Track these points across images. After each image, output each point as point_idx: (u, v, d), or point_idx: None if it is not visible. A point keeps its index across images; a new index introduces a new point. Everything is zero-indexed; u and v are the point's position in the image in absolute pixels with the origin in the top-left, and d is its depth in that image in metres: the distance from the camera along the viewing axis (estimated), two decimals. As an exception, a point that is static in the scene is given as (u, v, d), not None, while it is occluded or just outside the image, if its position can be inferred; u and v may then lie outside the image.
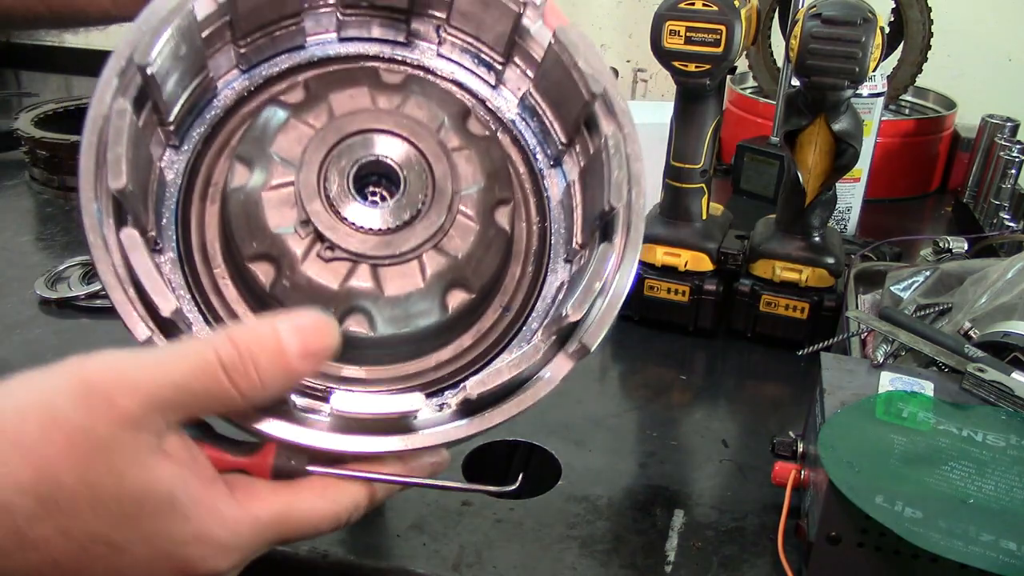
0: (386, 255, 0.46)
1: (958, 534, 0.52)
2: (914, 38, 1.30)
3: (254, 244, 0.46)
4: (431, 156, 0.47)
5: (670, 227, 0.93)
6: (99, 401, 0.36)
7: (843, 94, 0.82)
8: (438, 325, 0.48)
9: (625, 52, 1.82)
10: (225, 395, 0.38)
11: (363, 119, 0.47)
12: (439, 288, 0.47)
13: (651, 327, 0.96)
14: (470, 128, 0.50)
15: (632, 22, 1.78)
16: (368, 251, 0.46)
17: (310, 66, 0.51)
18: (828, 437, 0.59)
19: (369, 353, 0.48)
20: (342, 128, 0.47)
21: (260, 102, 0.50)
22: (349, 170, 0.46)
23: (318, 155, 0.46)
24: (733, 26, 0.82)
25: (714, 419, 0.83)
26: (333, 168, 0.46)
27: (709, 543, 0.66)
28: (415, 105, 0.48)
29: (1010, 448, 0.59)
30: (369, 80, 0.49)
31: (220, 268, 0.48)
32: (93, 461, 0.36)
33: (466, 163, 0.48)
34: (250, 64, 0.50)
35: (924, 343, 0.70)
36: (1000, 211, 1.17)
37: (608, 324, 0.46)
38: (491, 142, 0.50)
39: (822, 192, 0.89)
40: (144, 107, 0.45)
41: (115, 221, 0.42)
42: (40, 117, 1.30)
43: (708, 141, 0.90)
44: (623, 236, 0.47)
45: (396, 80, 0.50)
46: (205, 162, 0.49)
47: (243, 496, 0.41)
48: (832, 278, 0.90)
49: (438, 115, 0.49)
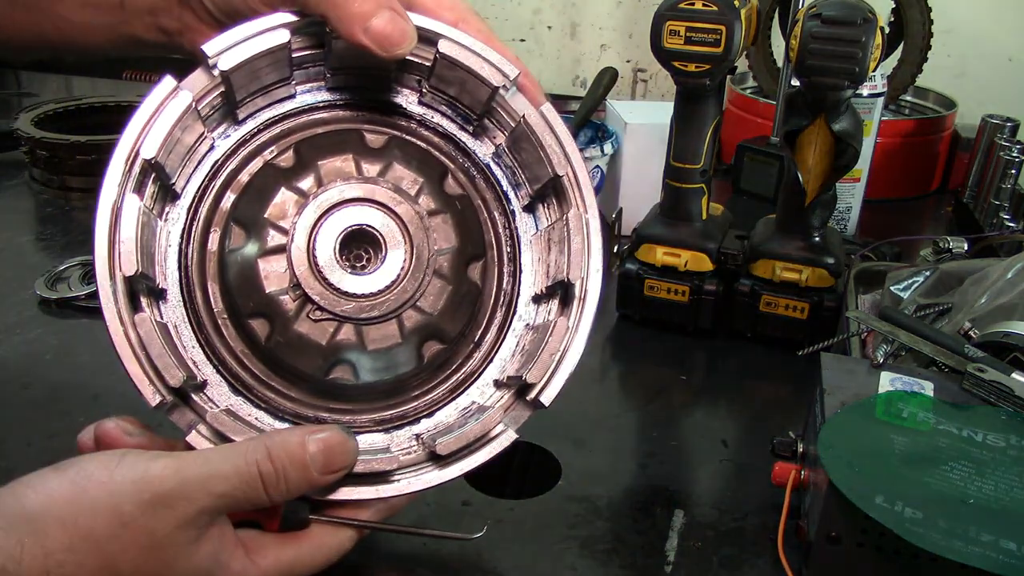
0: (368, 317, 0.52)
1: (958, 534, 0.52)
2: (914, 38, 1.30)
3: (251, 303, 0.51)
4: (410, 224, 0.53)
5: (670, 227, 0.93)
6: (162, 510, 0.44)
7: (843, 94, 0.82)
8: (415, 371, 0.54)
9: (625, 52, 1.82)
10: (260, 500, 0.47)
11: (349, 189, 0.52)
12: (416, 341, 0.53)
13: (651, 327, 0.96)
14: (447, 189, 0.55)
15: (632, 22, 1.78)
16: (352, 314, 0.52)
17: (299, 115, 0.55)
18: (828, 437, 0.59)
19: (354, 395, 0.54)
20: (330, 198, 0.52)
21: (253, 156, 0.54)
22: (336, 238, 0.52)
23: (308, 223, 0.51)
24: (733, 26, 0.82)
25: (714, 419, 0.83)
26: (322, 236, 0.51)
27: (709, 543, 0.66)
28: (397, 170, 0.53)
29: (1010, 448, 0.59)
30: (354, 146, 0.54)
31: (220, 309, 0.53)
32: (150, 554, 0.44)
33: (442, 226, 0.53)
34: (243, 118, 0.54)
35: (924, 343, 0.70)
36: (1000, 211, 1.17)
37: (562, 382, 0.53)
38: (466, 200, 0.56)
39: (822, 192, 0.89)
40: (148, 179, 0.50)
41: (127, 297, 0.48)
42: (40, 117, 1.30)
43: (708, 141, 0.90)
44: (579, 307, 0.54)
45: (379, 143, 0.54)
46: (203, 211, 0.53)
47: (255, 554, 0.49)
48: (832, 278, 0.90)
49: (417, 179, 0.54)
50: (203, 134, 0.52)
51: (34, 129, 1.25)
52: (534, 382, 0.52)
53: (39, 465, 0.46)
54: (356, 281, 0.52)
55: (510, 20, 1.87)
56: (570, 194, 0.54)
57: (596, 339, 0.97)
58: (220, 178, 0.54)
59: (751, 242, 0.94)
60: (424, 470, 0.52)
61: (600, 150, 1.11)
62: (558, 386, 0.53)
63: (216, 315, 0.52)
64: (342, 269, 0.52)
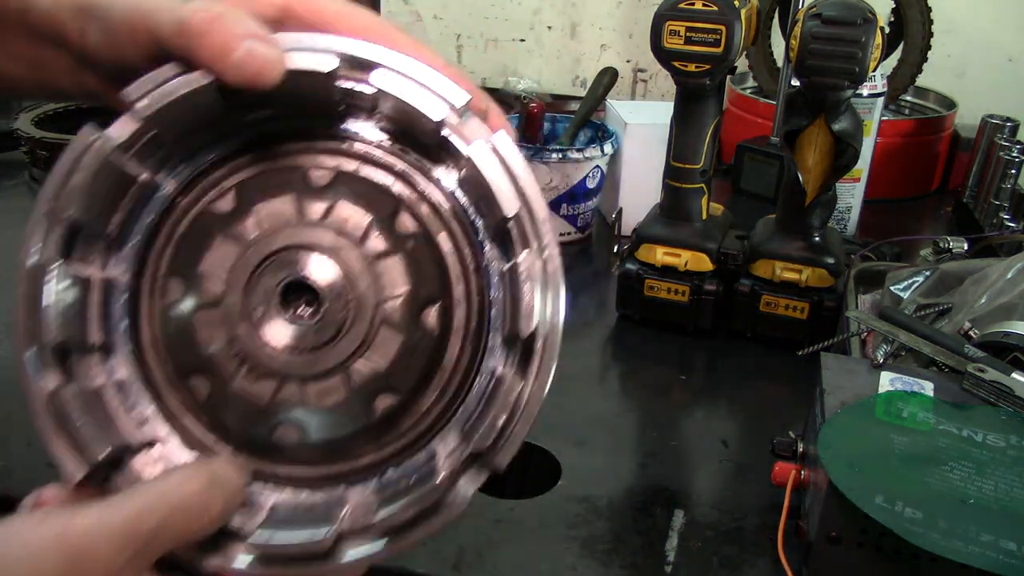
0: (310, 373, 0.48)
1: (958, 534, 0.52)
2: (914, 38, 1.30)
3: (189, 360, 0.48)
4: (355, 271, 0.48)
5: (670, 227, 0.93)
6: (86, 567, 0.41)
7: (843, 94, 0.82)
8: (366, 427, 0.50)
9: (625, 52, 1.82)
10: (192, 530, 0.43)
11: (288, 234, 0.48)
12: (365, 396, 0.49)
13: (651, 327, 0.96)
14: (400, 227, 0.49)
15: (632, 22, 1.78)
16: (293, 371, 0.48)
17: (244, 152, 0.51)
18: (828, 437, 0.59)
19: (301, 455, 0.50)
20: (267, 246, 0.47)
21: (196, 200, 0.50)
22: (273, 291, 0.47)
23: (243, 275, 0.47)
24: (733, 26, 0.82)
25: (714, 419, 0.83)
26: (258, 288, 0.47)
27: (709, 543, 0.66)
28: (342, 210, 0.49)
29: (1010, 448, 0.59)
30: (297, 185, 0.49)
31: (168, 364, 0.49)
32: None
33: (392, 270, 0.48)
34: (185, 158, 0.50)
35: (924, 343, 0.70)
36: (1000, 211, 1.17)
37: (518, 445, 0.47)
38: (424, 237, 0.50)
39: (822, 192, 0.89)
40: (75, 234, 0.46)
41: (52, 366, 0.45)
42: (40, 117, 1.30)
43: (708, 141, 0.90)
44: (537, 364, 0.47)
45: (325, 180, 0.49)
46: (150, 260, 0.50)
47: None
48: (832, 278, 0.90)
49: (365, 218, 0.49)
50: (140, 178, 0.48)
51: (34, 129, 1.25)
52: (479, 450, 0.47)
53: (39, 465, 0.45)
54: (295, 333, 0.48)
55: (510, 20, 1.87)
56: (526, 233, 0.47)
57: (596, 339, 0.97)
58: (163, 224, 0.50)
59: (751, 242, 0.94)
60: (362, 542, 0.47)
61: (600, 150, 1.11)
62: (511, 452, 0.47)
63: (165, 370, 0.49)
64: (281, 322, 0.48)
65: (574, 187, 1.12)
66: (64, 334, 0.45)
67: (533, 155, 1.09)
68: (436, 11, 1.88)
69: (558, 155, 1.09)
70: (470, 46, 1.91)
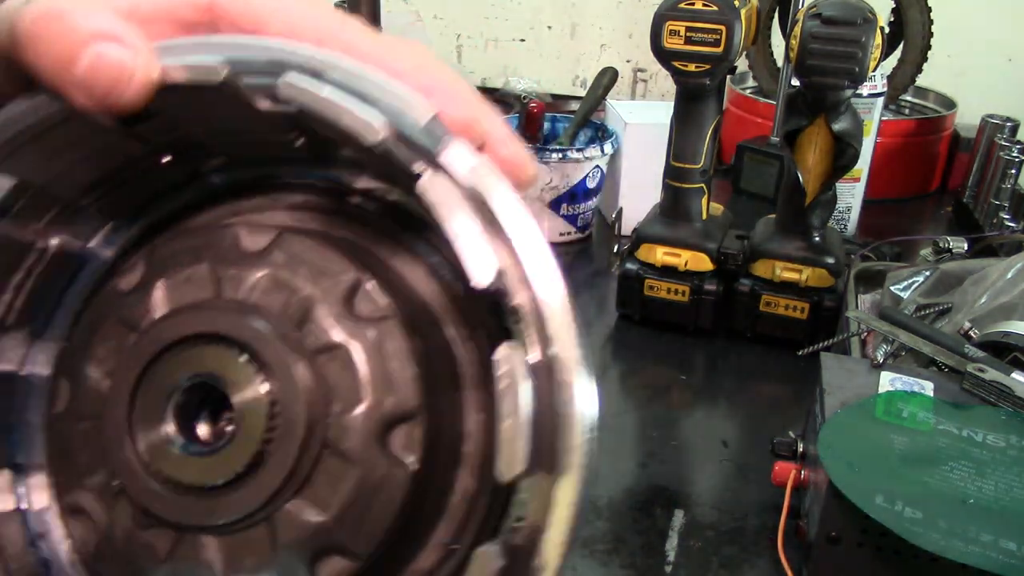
0: (217, 524, 0.32)
1: (958, 534, 0.52)
2: (914, 38, 1.30)
3: (66, 495, 0.35)
4: (283, 372, 0.31)
5: (670, 227, 0.93)
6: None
7: (843, 94, 0.82)
8: None
9: (625, 52, 1.82)
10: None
11: (195, 319, 0.32)
12: (300, 559, 0.32)
13: (651, 327, 0.96)
14: (360, 308, 0.33)
15: (632, 22, 1.78)
16: (192, 520, 0.32)
17: (192, 209, 0.38)
18: (828, 437, 0.59)
19: None
20: (164, 333, 0.33)
21: (108, 277, 0.37)
22: (168, 398, 0.33)
23: (130, 378, 0.33)
24: (733, 26, 0.82)
25: (714, 419, 0.83)
26: (148, 394, 0.33)
27: (709, 543, 0.66)
28: (277, 283, 0.33)
29: (1010, 448, 0.59)
30: (221, 251, 0.34)
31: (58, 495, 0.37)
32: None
33: (344, 369, 0.32)
34: (132, 215, 0.38)
35: (924, 343, 0.70)
36: (1000, 211, 1.17)
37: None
38: (396, 319, 0.32)
39: (822, 192, 0.89)
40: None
41: None
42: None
43: (708, 141, 0.90)
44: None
45: (261, 244, 0.34)
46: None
47: None
48: (832, 278, 0.90)
49: (310, 296, 0.33)
50: (36, 245, 0.35)
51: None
52: None
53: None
54: (200, 465, 0.32)
55: (510, 20, 1.87)
56: (522, 319, 0.27)
57: (596, 339, 0.97)
58: (86, 307, 0.37)
59: (751, 242, 0.94)
60: None
61: (600, 150, 1.11)
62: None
63: (60, 504, 0.36)
64: (178, 447, 0.32)
65: (574, 187, 1.12)
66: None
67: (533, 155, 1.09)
68: (436, 11, 1.88)
69: (558, 155, 1.09)
70: (470, 46, 1.91)
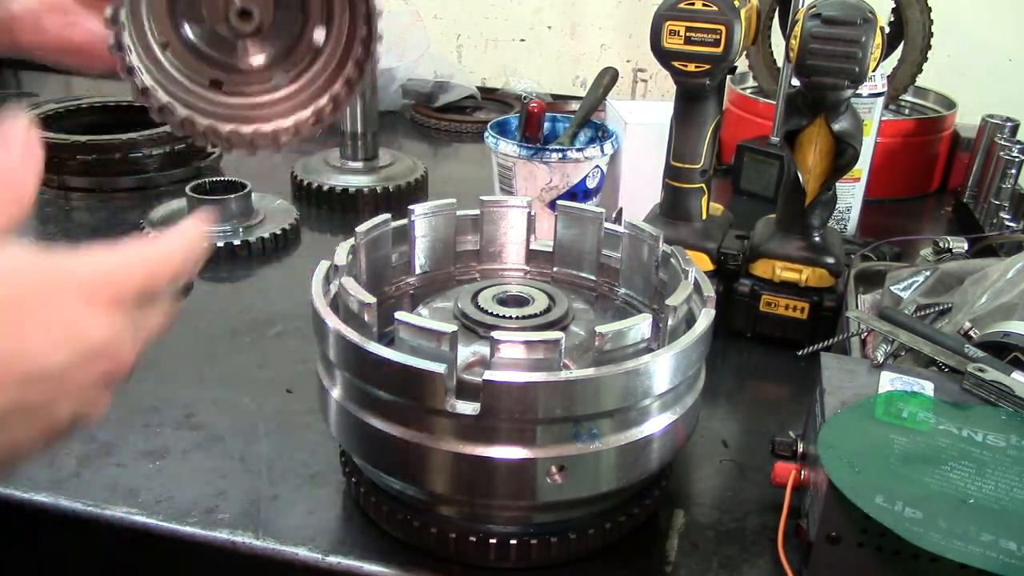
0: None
1: (958, 534, 0.52)
2: (914, 38, 1.30)
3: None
4: None
5: (670, 227, 0.93)
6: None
7: (843, 94, 0.82)
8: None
9: (625, 52, 1.82)
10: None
11: None
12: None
13: (651, 327, 0.96)
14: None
15: (632, 22, 1.78)
16: None
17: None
18: (828, 437, 0.59)
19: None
20: None
21: None
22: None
23: None
24: (733, 26, 0.82)
25: (714, 419, 0.83)
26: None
27: (709, 543, 0.66)
28: None
29: (1010, 448, 0.59)
30: None
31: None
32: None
33: None
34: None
35: (924, 343, 0.70)
36: (1000, 211, 1.17)
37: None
38: None
39: (822, 192, 0.89)
40: None
41: None
42: (40, 117, 1.30)
43: (708, 141, 0.90)
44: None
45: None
46: None
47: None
48: (832, 278, 0.90)
49: None
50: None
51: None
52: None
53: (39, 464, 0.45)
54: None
55: (510, 20, 1.87)
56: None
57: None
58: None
59: (751, 242, 0.94)
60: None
61: (600, 150, 1.11)
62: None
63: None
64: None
65: (574, 187, 1.12)
66: None
67: (533, 155, 1.09)
68: (436, 11, 1.88)
69: (558, 155, 1.09)
70: (470, 46, 1.91)
